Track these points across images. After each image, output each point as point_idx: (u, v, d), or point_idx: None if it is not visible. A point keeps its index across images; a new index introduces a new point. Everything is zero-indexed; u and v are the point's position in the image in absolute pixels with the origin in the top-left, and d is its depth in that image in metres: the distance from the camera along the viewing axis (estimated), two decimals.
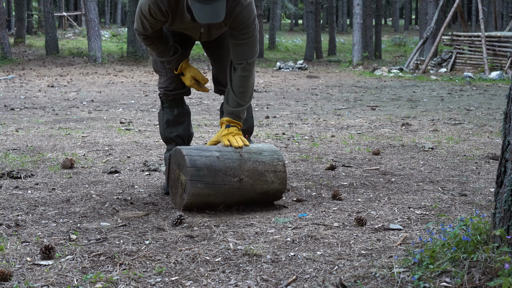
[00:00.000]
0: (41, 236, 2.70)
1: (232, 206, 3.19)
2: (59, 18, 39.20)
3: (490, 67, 16.72)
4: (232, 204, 3.18)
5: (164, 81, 3.59)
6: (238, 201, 3.18)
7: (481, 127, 6.70)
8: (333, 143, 5.49)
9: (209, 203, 3.12)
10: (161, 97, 3.66)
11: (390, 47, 31.43)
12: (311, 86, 13.60)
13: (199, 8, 2.95)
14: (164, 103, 3.64)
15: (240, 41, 3.23)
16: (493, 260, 1.97)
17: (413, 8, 61.91)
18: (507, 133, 2.07)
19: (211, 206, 3.14)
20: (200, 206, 3.12)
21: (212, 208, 3.15)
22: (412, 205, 3.20)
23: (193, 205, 3.09)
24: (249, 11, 3.17)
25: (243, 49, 3.25)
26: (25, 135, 5.90)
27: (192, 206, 3.10)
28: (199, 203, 3.10)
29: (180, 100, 3.66)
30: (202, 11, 2.95)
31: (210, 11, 2.95)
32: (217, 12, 2.97)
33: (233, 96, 3.32)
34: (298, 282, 2.16)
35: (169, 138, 3.64)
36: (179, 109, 3.64)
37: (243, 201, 3.18)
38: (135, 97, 10.60)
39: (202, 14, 2.96)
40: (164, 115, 3.64)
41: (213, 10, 2.95)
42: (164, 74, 3.57)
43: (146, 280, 2.19)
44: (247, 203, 3.21)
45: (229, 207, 3.20)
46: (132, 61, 21.05)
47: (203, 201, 3.09)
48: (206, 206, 3.14)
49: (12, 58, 20.85)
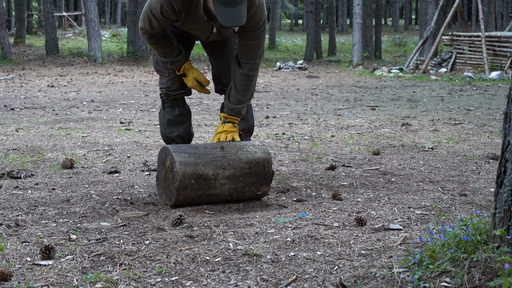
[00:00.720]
0: (41, 236, 2.70)
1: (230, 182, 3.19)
2: (59, 18, 39.20)
3: (490, 67, 16.72)
4: (227, 177, 3.18)
5: (166, 81, 3.59)
6: (231, 174, 3.19)
7: (481, 127, 6.70)
8: (333, 143, 5.49)
9: (202, 176, 3.12)
10: (162, 97, 3.66)
11: (390, 47, 31.44)
12: (311, 86, 13.60)
13: (223, 11, 2.94)
14: (165, 103, 3.64)
15: (250, 42, 3.26)
16: (493, 260, 1.97)
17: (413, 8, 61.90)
18: (507, 133, 2.07)
19: (205, 178, 3.13)
20: (193, 177, 3.10)
21: (208, 183, 3.14)
22: (412, 205, 3.20)
23: (185, 178, 3.09)
24: (262, 13, 3.21)
25: (252, 49, 3.28)
26: (25, 135, 5.90)
27: (185, 180, 3.09)
28: (191, 174, 3.09)
29: (181, 100, 3.67)
30: (227, 14, 2.94)
31: (234, 14, 2.95)
32: (240, 15, 2.97)
33: (235, 94, 3.37)
34: (298, 282, 2.16)
35: (170, 138, 3.65)
36: (180, 109, 3.65)
37: (236, 173, 3.20)
38: (135, 97, 10.61)
39: (226, 17, 2.95)
40: (165, 115, 3.64)
41: (237, 13, 2.95)
42: (166, 74, 3.57)
43: (146, 280, 2.19)
44: (242, 178, 3.21)
45: (228, 208, 3.20)
46: (132, 61, 21.05)
47: (194, 171, 3.10)
48: (200, 179, 3.12)
49: (12, 58, 20.85)
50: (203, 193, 3.18)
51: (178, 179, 3.09)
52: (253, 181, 3.26)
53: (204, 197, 3.20)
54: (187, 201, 3.18)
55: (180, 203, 3.17)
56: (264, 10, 3.23)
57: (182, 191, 3.11)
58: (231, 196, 3.26)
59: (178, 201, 3.15)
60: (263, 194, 3.34)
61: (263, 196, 3.36)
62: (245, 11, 2.99)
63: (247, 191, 3.27)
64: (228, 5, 2.93)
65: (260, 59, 3.36)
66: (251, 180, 3.26)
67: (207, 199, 3.23)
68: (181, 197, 3.13)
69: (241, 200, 3.33)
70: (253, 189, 3.28)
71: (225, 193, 3.23)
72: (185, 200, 3.16)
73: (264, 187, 3.31)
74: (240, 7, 2.95)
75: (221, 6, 2.94)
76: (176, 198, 3.13)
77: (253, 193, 3.30)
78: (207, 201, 3.24)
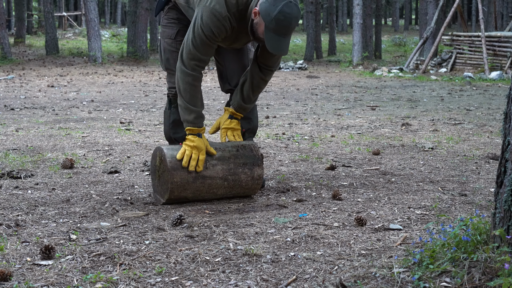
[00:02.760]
0: (41, 236, 2.70)
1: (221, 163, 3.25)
2: (59, 18, 39.22)
3: (490, 67, 16.72)
4: (216, 158, 3.26)
5: None
6: (220, 156, 3.28)
7: (481, 127, 6.70)
8: (333, 143, 5.49)
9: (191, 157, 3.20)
10: (170, 96, 3.63)
11: (390, 47, 31.44)
12: (311, 86, 13.61)
13: (274, 40, 3.06)
14: (173, 102, 3.60)
15: (276, 55, 3.37)
16: (493, 260, 1.97)
17: (413, 8, 61.91)
18: (507, 133, 2.07)
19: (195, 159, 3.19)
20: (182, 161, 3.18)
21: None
22: (412, 205, 3.20)
23: (175, 159, 3.15)
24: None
25: (276, 59, 3.43)
26: (25, 135, 5.90)
27: (175, 161, 3.15)
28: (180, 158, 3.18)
29: None
30: (277, 43, 3.07)
31: (283, 44, 3.09)
32: (288, 45, 3.14)
33: (249, 93, 3.46)
34: (298, 282, 2.16)
35: (174, 139, 3.63)
36: None
37: (225, 155, 3.29)
38: (135, 97, 10.60)
39: (276, 46, 3.08)
40: (171, 115, 3.61)
41: (285, 43, 3.10)
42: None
43: (146, 280, 2.19)
44: (232, 159, 3.29)
45: (228, 208, 3.20)
46: (132, 61, 21.05)
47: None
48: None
49: (12, 58, 20.86)
50: (197, 175, 3.19)
51: (168, 161, 3.14)
52: (244, 162, 3.32)
53: (199, 180, 3.21)
54: (183, 185, 3.17)
55: (176, 186, 3.16)
56: None
57: (176, 171, 3.14)
58: (227, 180, 3.28)
59: (174, 183, 3.14)
60: (258, 179, 3.36)
61: (259, 181, 3.36)
62: (290, 41, 3.16)
63: (240, 172, 3.30)
64: (281, 35, 3.06)
65: (278, 67, 3.56)
66: (242, 161, 3.32)
67: (203, 184, 3.22)
68: (176, 178, 3.14)
69: (238, 189, 3.33)
70: (246, 170, 3.32)
71: (219, 174, 3.26)
72: (181, 182, 3.16)
73: (257, 169, 3.35)
74: (289, 38, 3.11)
75: (274, 34, 3.05)
76: (171, 180, 3.13)
77: (248, 177, 3.32)
78: (204, 187, 3.24)
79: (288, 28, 3.04)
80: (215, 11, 3.11)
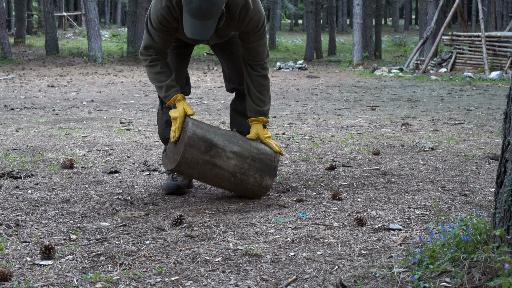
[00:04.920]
0: (41, 236, 2.70)
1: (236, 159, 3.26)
2: (59, 18, 39.21)
3: (490, 67, 16.71)
4: (234, 152, 3.26)
5: None
6: (239, 151, 3.28)
7: (481, 127, 6.70)
8: (333, 143, 5.49)
9: (211, 141, 3.21)
10: (161, 97, 3.65)
11: (390, 47, 31.43)
12: (311, 86, 13.60)
13: (189, 22, 3.01)
14: (164, 104, 3.63)
15: (252, 44, 3.33)
16: (493, 260, 1.97)
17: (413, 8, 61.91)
18: (507, 133, 2.07)
19: (214, 145, 3.20)
20: (202, 139, 3.18)
21: (216, 150, 3.20)
22: (412, 205, 3.20)
23: (195, 136, 3.17)
24: (259, 16, 3.25)
25: (257, 51, 3.36)
26: (25, 135, 5.90)
27: (195, 138, 3.16)
28: (201, 136, 3.19)
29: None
30: (192, 26, 3.02)
31: (199, 28, 3.01)
32: (205, 30, 3.04)
33: (258, 96, 3.43)
34: (298, 282, 2.16)
35: (168, 139, 3.64)
36: None
37: (244, 153, 3.29)
38: (135, 97, 10.60)
39: (191, 29, 3.03)
40: (164, 116, 3.63)
41: (202, 27, 3.02)
42: None
43: (146, 280, 2.19)
44: (249, 160, 3.29)
45: (228, 208, 3.20)
46: (132, 61, 21.05)
47: (204, 135, 3.21)
48: (208, 143, 3.19)
49: (12, 58, 20.85)
50: (209, 160, 3.19)
51: (187, 136, 3.14)
52: (259, 167, 3.30)
53: (208, 166, 3.21)
54: (192, 163, 3.18)
55: (185, 162, 3.16)
56: (261, 11, 3.27)
57: (190, 148, 3.15)
58: (235, 176, 3.27)
59: (184, 158, 3.15)
60: (265, 188, 3.35)
61: (265, 191, 3.36)
62: (212, 26, 3.04)
63: (250, 176, 3.29)
64: (196, 18, 2.99)
65: (268, 59, 3.44)
66: (257, 165, 3.30)
67: (210, 170, 3.23)
68: (187, 154, 3.15)
69: (242, 189, 3.33)
70: (257, 176, 3.30)
71: (230, 169, 3.24)
72: (191, 160, 3.16)
73: (268, 179, 3.33)
74: (207, 22, 3.01)
75: (190, 18, 3.01)
76: (182, 155, 3.14)
77: (256, 182, 3.31)
78: (210, 174, 3.24)
79: (200, 10, 2.96)
80: (158, 2, 3.18)
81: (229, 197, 3.46)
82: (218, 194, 3.56)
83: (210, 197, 3.47)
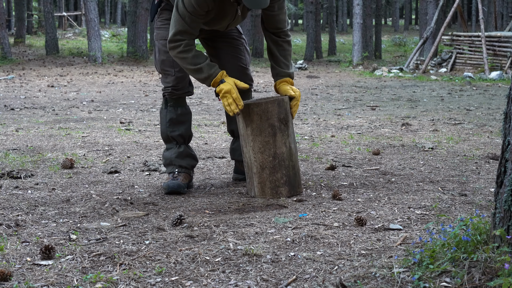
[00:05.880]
0: (41, 236, 2.70)
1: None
2: (59, 18, 39.21)
3: (490, 67, 16.72)
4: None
5: (172, 80, 3.62)
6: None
7: (481, 127, 6.70)
8: (333, 143, 5.49)
9: (288, 118, 3.46)
10: (165, 95, 3.68)
11: (390, 47, 31.44)
12: (311, 86, 13.61)
13: None
14: (168, 102, 3.68)
15: (276, 12, 3.50)
16: (493, 260, 1.97)
17: (413, 8, 61.91)
18: (507, 133, 2.07)
19: (287, 121, 3.43)
20: (286, 110, 3.46)
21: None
22: (412, 205, 3.20)
23: (286, 104, 3.47)
24: None
25: (280, 18, 3.55)
26: (25, 135, 5.90)
27: (284, 103, 3.45)
28: (287, 109, 3.47)
29: (183, 100, 3.74)
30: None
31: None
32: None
33: (283, 61, 3.63)
34: (298, 282, 2.16)
35: (171, 137, 3.68)
36: (182, 108, 3.71)
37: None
38: (135, 97, 10.61)
39: (252, 0, 3.15)
40: (168, 114, 3.67)
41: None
42: (172, 73, 3.61)
43: (146, 280, 2.19)
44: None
45: (228, 208, 3.20)
46: (132, 61, 21.05)
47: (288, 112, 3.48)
48: (285, 116, 3.43)
49: (12, 58, 20.85)
50: (276, 126, 3.36)
51: (282, 97, 3.47)
52: (290, 176, 3.43)
53: (270, 130, 3.36)
54: (265, 113, 3.36)
55: (263, 108, 3.35)
56: None
57: (276, 105, 3.39)
58: (274, 157, 3.38)
59: (266, 104, 3.36)
60: (276, 193, 3.40)
61: (271, 194, 3.39)
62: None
63: (280, 172, 3.40)
64: None
65: (288, 26, 3.67)
66: (290, 174, 3.44)
67: (268, 133, 3.36)
68: (271, 105, 3.36)
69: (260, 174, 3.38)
70: (283, 177, 3.41)
71: (277, 150, 3.37)
72: (267, 110, 3.36)
73: (284, 190, 3.42)
74: None
75: None
76: (268, 100, 3.41)
77: (277, 181, 3.40)
78: (263, 134, 3.36)
79: None
80: None
81: (229, 197, 3.47)
82: (218, 194, 3.56)
83: (210, 197, 3.47)
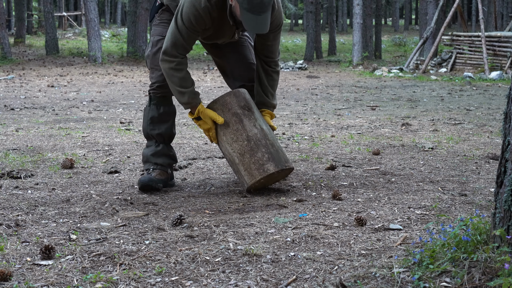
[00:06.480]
0: (41, 236, 2.70)
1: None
2: (59, 18, 39.21)
3: (490, 67, 16.71)
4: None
5: (159, 76, 3.58)
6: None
7: (481, 127, 6.70)
8: (333, 143, 5.49)
9: (250, 104, 3.51)
10: (150, 93, 3.70)
11: (390, 47, 31.43)
12: (311, 86, 13.61)
13: (250, 19, 3.12)
14: (152, 100, 3.68)
15: (270, 42, 3.51)
16: (493, 260, 1.97)
17: (413, 8, 61.91)
18: (507, 133, 2.07)
19: (249, 107, 3.47)
20: (246, 98, 3.50)
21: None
22: (412, 205, 3.20)
23: (243, 93, 3.52)
24: (281, 16, 3.44)
25: (274, 48, 3.55)
26: (25, 135, 5.90)
27: (240, 93, 3.51)
28: (247, 98, 3.51)
29: (168, 99, 3.70)
30: (253, 22, 3.13)
31: (260, 22, 3.14)
32: (266, 23, 3.17)
33: (269, 90, 3.63)
34: (298, 282, 2.16)
35: (150, 135, 3.70)
36: (165, 107, 3.68)
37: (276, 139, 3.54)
38: (135, 97, 10.61)
39: (253, 25, 3.14)
40: (150, 112, 3.68)
41: (263, 21, 3.15)
42: (160, 69, 3.56)
43: (146, 280, 2.19)
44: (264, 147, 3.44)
45: (228, 208, 3.20)
46: (132, 61, 21.05)
47: (249, 99, 3.53)
48: (247, 103, 3.47)
49: (12, 58, 20.85)
50: (240, 113, 3.41)
51: (237, 89, 3.52)
52: (272, 152, 3.41)
53: (236, 118, 3.40)
54: (227, 106, 3.43)
55: (223, 101, 3.44)
56: (282, 12, 3.44)
57: (233, 96, 3.44)
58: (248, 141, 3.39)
59: (223, 98, 3.44)
60: (263, 171, 3.37)
61: (261, 174, 3.37)
62: (269, 18, 3.19)
63: (260, 151, 3.39)
64: (256, 13, 3.10)
65: (279, 56, 3.67)
66: (272, 151, 3.42)
67: (235, 123, 3.40)
68: (228, 97, 3.44)
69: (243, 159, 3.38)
70: (265, 155, 3.38)
71: (249, 133, 3.39)
72: (227, 103, 3.43)
73: (271, 165, 3.38)
74: (266, 15, 3.14)
75: (249, 13, 3.10)
76: (225, 94, 3.48)
77: (260, 160, 3.38)
78: (233, 126, 3.40)
79: (261, 5, 3.09)
80: (195, 2, 3.23)
81: (229, 197, 3.47)
82: (218, 194, 3.56)
83: (210, 197, 3.47)
